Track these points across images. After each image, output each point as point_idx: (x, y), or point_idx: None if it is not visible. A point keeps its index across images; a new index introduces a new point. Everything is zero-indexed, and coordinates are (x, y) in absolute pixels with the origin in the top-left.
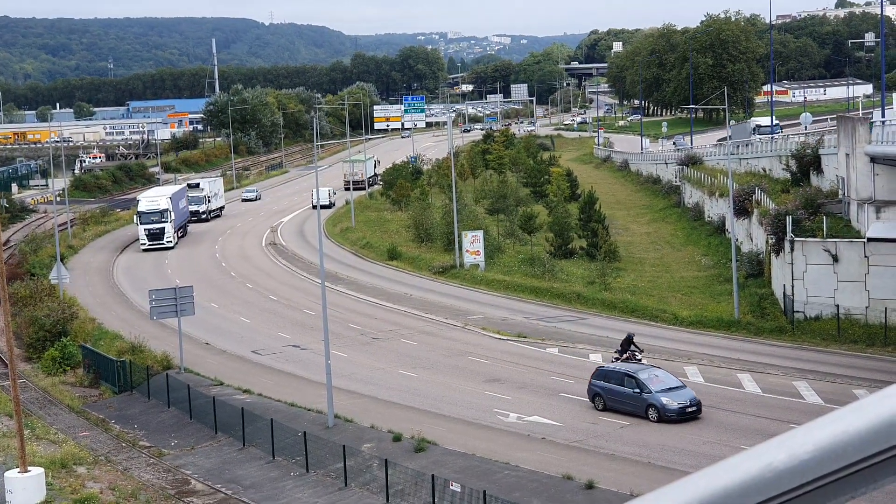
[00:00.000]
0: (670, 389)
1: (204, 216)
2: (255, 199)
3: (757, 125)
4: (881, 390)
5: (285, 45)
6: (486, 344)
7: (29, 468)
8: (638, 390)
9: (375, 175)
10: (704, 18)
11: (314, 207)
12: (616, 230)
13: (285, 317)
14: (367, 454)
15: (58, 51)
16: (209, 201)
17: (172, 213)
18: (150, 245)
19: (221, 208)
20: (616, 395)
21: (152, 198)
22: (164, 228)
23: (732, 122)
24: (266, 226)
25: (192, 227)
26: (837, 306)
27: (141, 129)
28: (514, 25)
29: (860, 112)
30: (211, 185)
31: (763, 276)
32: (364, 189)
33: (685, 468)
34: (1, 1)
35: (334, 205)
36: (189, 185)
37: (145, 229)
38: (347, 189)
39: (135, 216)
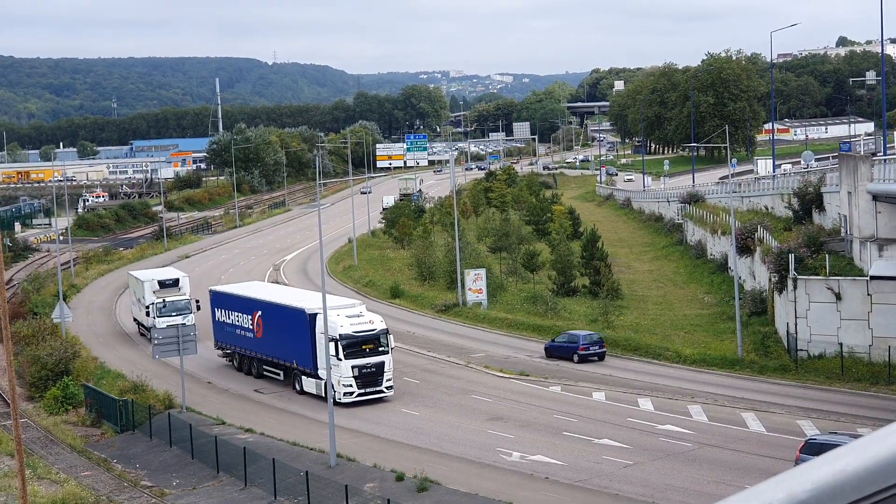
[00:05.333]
0: None
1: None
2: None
3: None
4: (878, 430)
5: (288, 84)
6: (489, 382)
7: None
8: None
9: (420, 191)
10: (706, 57)
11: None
12: (619, 268)
13: None
14: (370, 494)
15: (62, 90)
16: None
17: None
18: (360, 395)
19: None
20: None
21: (354, 311)
22: (383, 364)
23: (734, 160)
24: (269, 264)
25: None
26: (841, 344)
27: (144, 168)
28: (516, 64)
29: (861, 150)
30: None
31: (766, 314)
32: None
33: None
34: (5, 41)
35: None
36: (161, 284)
37: (356, 367)
38: (402, 200)
39: (328, 341)
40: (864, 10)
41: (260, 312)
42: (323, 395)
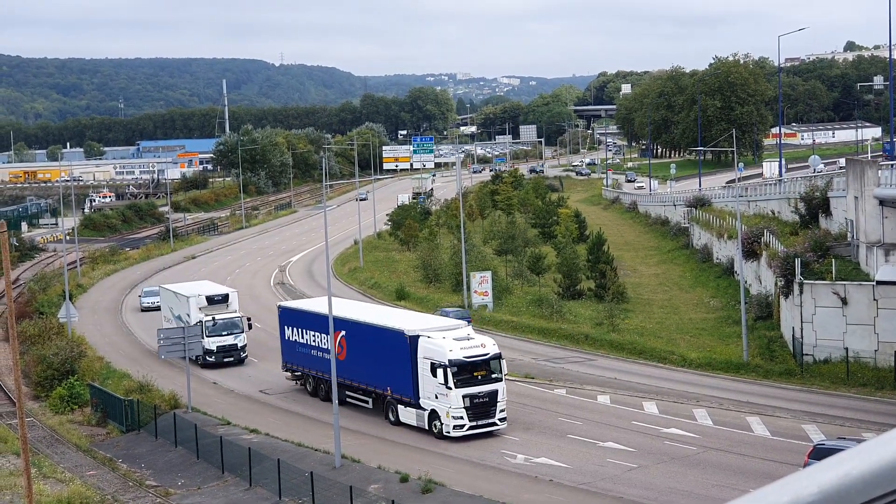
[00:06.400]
0: None
1: (244, 355)
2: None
3: None
4: (884, 434)
5: (295, 86)
6: None
7: None
8: None
9: (432, 189)
10: (713, 61)
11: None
12: (624, 271)
13: None
14: (374, 495)
15: (69, 90)
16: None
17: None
18: (472, 428)
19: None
20: None
21: (462, 333)
22: (496, 393)
23: (741, 164)
24: (275, 265)
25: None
26: (846, 349)
27: (151, 168)
28: (522, 67)
29: (869, 155)
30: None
31: (772, 319)
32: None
33: None
34: (12, 41)
35: None
36: (209, 301)
37: (467, 397)
38: (415, 199)
39: (437, 369)
40: (872, 15)
41: (343, 332)
42: (426, 426)
